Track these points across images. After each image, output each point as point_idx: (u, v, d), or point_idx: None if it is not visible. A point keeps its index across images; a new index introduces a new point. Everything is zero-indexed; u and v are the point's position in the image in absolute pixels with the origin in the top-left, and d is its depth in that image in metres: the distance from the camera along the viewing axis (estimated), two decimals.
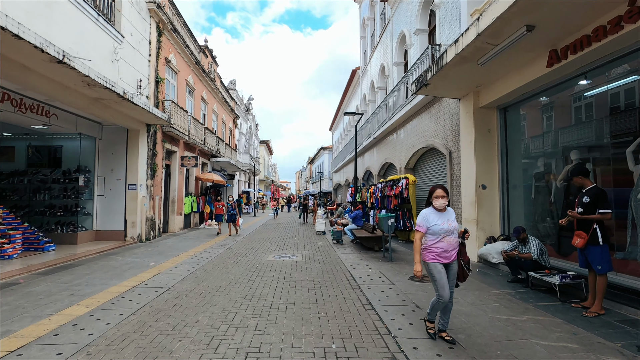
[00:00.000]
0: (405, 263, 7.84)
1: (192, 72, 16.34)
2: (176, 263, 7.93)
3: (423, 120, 11.15)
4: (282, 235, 13.73)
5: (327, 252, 9.46)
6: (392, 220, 8.18)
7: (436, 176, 10.71)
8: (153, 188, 11.97)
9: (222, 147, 20.62)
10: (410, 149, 12.39)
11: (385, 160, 15.89)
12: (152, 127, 11.76)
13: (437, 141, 9.90)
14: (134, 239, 10.83)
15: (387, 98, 14.73)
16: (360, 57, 23.05)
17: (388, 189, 12.67)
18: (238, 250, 9.74)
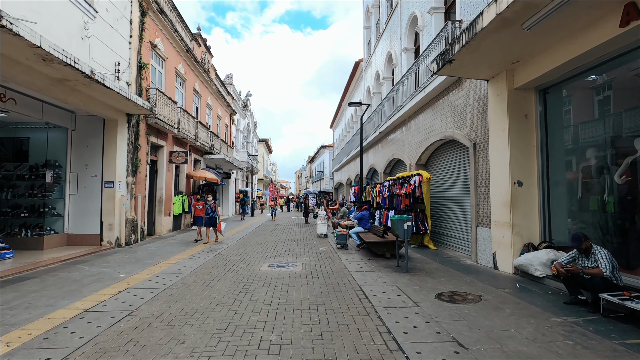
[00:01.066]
0: (424, 274, 6.56)
1: (182, 60, 15.06)
2: (152, 274, 6.65)
3: (439, 109, 9.87)
4: (280, 238, 12.45)
5: (330, 260, 8.18)
6: (408, 223, 6.90)
7: (455, 172, 9.43)
8: (135, 186, 10.69)
9: (217, 143, 19.33)
10: (423, 142, 11.11)
11: (392, 156, 14.62)
12: (133, 118, 10.47)
13: (458, 132, 8.62)
14: (111, 243, 9.54)
15: (395, 88, 13.46)
16: (364, 48, 21.78)
17: (397, 187, 11.39)
18: (228, 257, 8.46)
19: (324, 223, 12.93)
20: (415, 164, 11.81)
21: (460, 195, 9.09)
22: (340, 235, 9.88)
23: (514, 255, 6.40)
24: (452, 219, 9.57)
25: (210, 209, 10.66)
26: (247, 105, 33.41)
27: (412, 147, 12.19)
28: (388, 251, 8.36)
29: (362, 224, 10.18)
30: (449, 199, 9.89)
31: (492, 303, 4.78)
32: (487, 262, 7.27)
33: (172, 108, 12.79)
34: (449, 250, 9.47)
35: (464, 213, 8.80)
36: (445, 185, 10.17)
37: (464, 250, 8.75)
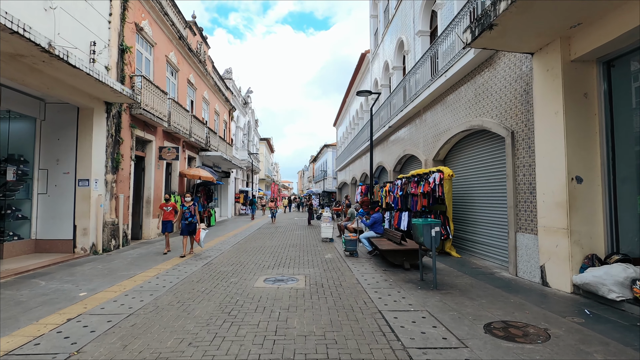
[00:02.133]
0: (458, 293, 5.26)
1: (174, 48, 13.82)
2: (121, 291, 5.39)
3: (463, 95, 8.56)
4: (280, 243, 11.17)
5: (339, 271, 6.89)
6: (437, 228, 5.60)
7: (483, 168, 8.11)
8: (116, 184, 9.44)
9: (214, 140, 18.10)
10: (442, 135, 9.79)
11: (404, 152, 13.31)
12: (113, 107, 9.23)
13: (489, 120, 7.31)
14: (86, 250, 8.30)
15: (408, 77, 12.15)
16: (370, 39, 20.48)
17: (412, 186, 10.09)
18: (219, 268, 7.19)
19: (329, 226, 11.64)
20: (433, 160, 10.50)
21: (491, 195, 7.77)
22: (349, 241, 8.58)
23: (572, 270, 5.08)
24: (480, 223, 8.25)
25: (188, 212, 8.57)
26: (247, 102, 32.20)
27: (429, 141, 10.87)
28: (407, 261, 7.06)
29: (374, 229, 8.87)
30: (474, 198, 8.57)
31: (568, 342, 3.47)
32: (531, 277, 5.95)
33: (162, 99, 11.55)
34: (475, 258, 8.15)
35: (497, 215, 7.48)
36: (469, 183, 8.85)
37: (497, 260, 7.43)
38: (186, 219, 8.54)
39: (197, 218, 8.66)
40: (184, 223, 8.53)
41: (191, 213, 8.61)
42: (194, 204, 8.75)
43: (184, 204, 8.68)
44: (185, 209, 8.62)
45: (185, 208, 8.63)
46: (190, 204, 8.69)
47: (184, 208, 8.62)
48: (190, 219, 8.57)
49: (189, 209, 8.63)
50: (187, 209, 8.62)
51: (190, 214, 8.60)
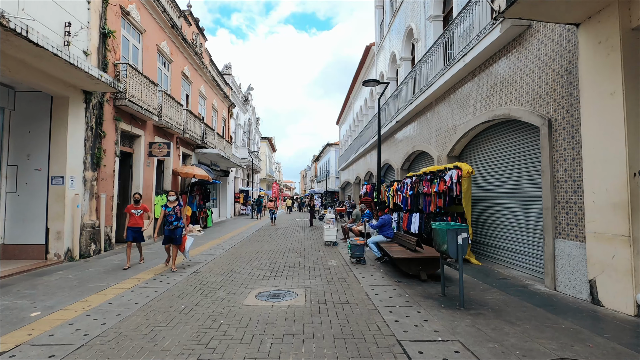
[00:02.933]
0: (492, 314, 4.29)
1: (167, 37, 12.91)
2: (84, 310, 4.48)
3: (485, 81, 7.58)
4: (279, 247, 10.22)
5: (345, 283, 5.93)
6: (464, 234, 4.64)
7: (511, 163, 7.10)
8: (97, 183, 8.53)
9: (211, 136, 17.20)
10: (458, 127, 8.82)
11: (413, 148, 12.33)
12: (93, 97, 8.32)
13: (518, 108, 6.32)
14: (60, 256, 7.39)
15: (419, 65, 11.17)
16: (375, 31, 19.49)
17: (424, 184, 9.12)
18: (206, 278, 6.25)
19: (333, 228, 10.68)
20: (447, 156, 9.52)
21: (518, 194, 6.79)
22: (355, 247, 7.62)
23: (636, 288, 4.10)
24: (503, 226, 7.27)
25: (173, 215, 6.87)
26: (248, 100, 31.28)
27: (442, 135, 9.89)
28: (424, 271, 6.09)
29: (383, 232, 7.91)
30: (496, 198, 7.59)
31: None
32: (575, 292, 4.97)
33: (152, 90, 10.63)
34: (499, 267, 7.17)
35: (526, 218, 6.50)
36: (490, 181, 7.87)
37: (526, 269, 6.45)
38: (169, 224, 6.87)
39: (183, 222, 7.13)
40: (166, 229, 6.88)
41: (176, 216, 6.92)
42: (179, 205, 7.12)
43: (167, 205, 7.03)
44: (169, 210, 6.93)
45: (169, 210, 6.94)
46: (174, 205, 7.03)
47: (167, 210, 6.96)
48: (175, 223, 6.88)
49: (174, 211, 6.94)
50: (171, 210, 6.94)
51: (175, 217, 6.91)
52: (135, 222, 7.16)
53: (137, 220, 7.17)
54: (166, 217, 6.95)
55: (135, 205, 7.27)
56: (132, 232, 7.14)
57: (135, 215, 7.16)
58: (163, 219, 6.97)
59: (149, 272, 6.64)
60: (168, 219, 6.92)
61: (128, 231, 7.12)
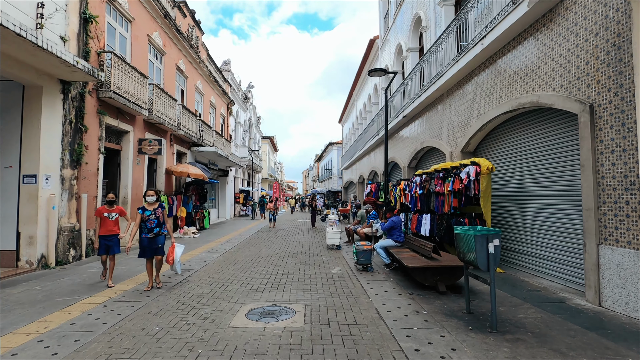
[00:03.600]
0: (533, 339, 3.49)
1: (159, 27, 12.16)
2: (38, 333, 3.72)
3: (507, 66, 6.76)
4: (278, 251, 9.44)
5: (352, 297, 5.13)
6: (496, 242, 3.83)
7: (539, 158, 6.25)
8: (78, 182, 7.78)
9: (208, 134, 16.44)
10: (474, 120, 8.00)
11: (422, 145, 11.51)
12: (73, 88, 7.57)
13: (549, 93, 5.50)
14: (32, 263, 6.63)
15: (428, 55, 10.35)
16: (380, 24, 18.68)
17: (436, 183, 8.30)
18: (193, 290, 5.47)
19: (336, 231, 9.87)
20: (461, 152, 8.71)
21: (548, 193, 5.96)
22: (361, 252, 6.81)
23: None
24: (530, 229, 6.44)
25: (154, 219, 5.43)
26: (248, 98, 30.53)
27: (455, 129, 9.08)
28: (442, 281, 5.27)
29: (393, 236, 7.11)
30: (520, 198, 6.77)
31: None
32: (629, 310, 4.14)
33: (141, 83, 9.87)
34: (525, 275, 6.34)
35: (559, 220, 5.67)
36: (512, 179, 7.04)
37: (558, 279, 5.62)
38: (150, 231, 5.38)
39: (167, 228, 5.65)
40: (145, 238, 5.38)
41: (158, 221, 5.47)
42: (161, 207, 5.61)
43: (145, 207, 5.51)
44: (148, 214, 5.43)
45: (148, 213, 5.43)
46: (155, 207, 5.53)
47: (146, 213, 5.43)
48: (156, 230, 5.42)
49: (154, 215, 5.45)
50: (151, 214, 5.44)
51: (157, 222, 5.46)
52: (109, 229, 5.75)
53: (112, 227, 5.79)
54: (144, 222, 5.43)
55: (109, 208, 5.87)
56: (105, 241, 5.70)
57: (109, 220, 5.79)
58: (140, 226, 5.47)
59: (129, 282, 5.87)
60: (147, 224, 5.42)
61: (100, 241, 5.71)
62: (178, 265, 5.61)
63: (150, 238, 5.41)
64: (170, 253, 5.51)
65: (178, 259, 5.56)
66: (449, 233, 7.73)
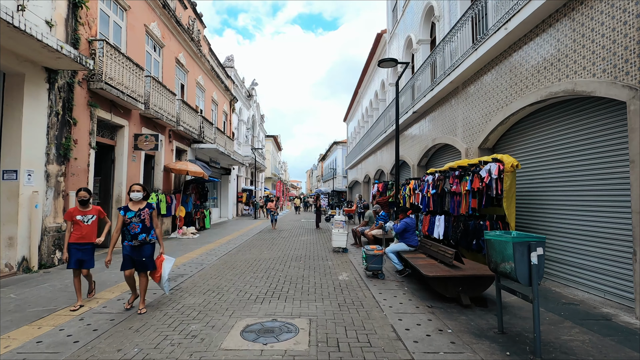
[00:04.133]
0: None
1: (157, 18, 11.61)
2: None
3: (535, 52, 6.10)
4: (280, 254, 8.83)
5: (362, 309, 4.51)
6: (540, 250, 3.19)
7: (572, 154, 5.59)
8: (65, 179, 7.23)
9: (209, 131, 15.88)
10: (495, 113, 7.35)
11: (434, 142, 10.85)
12: (60, 77, 7.02)
13: (590, 79, 4.84)
14: (12, 267, 6.08)
15: (442, 44, 9.69)
16: (387, 18, 18.01)
17: (452, 181, 7.65)
18: (184, 300, 4.88)
19: (343, 232, 9.25)
20: (478, 148, 8.06)
21: (586, 193, 5.30)
22: (371, 257, 6.18)
23: None
24: (561, 233, 5.78)
25: (137, 223, 4.30)
26: (251, 95, 29.99)
27: (472, 124, 8.42)
28: (465, 293, 4.63)
29: (406, 239, 6.48)
30: (548, 198, 6.10)
31: None
32: None
33: (137, 75, 9.32)
34: (555, 284, 5.68)
35: (600, 224, 5.00)
36: (540, 177, 6.37)
37: (599, 290, 4.96)
38: (133, 238, 4.27)
39: (157, 233, 4.45)
40: (127, 246, 4.28)
41: (144, 225, 4.32)
42: (148, 207, 4.44)
43: (127, 208, 4.37)
44: (131, 216, 4.29)
45: (131, 215, 4.29)
46: (141, 207, 4.38)
47: (128, 215, 4.29)
48: (141, 236, 4.29)
49: (139, 217, 4.31)
50: (134, 216, 4.30)
51: (143, 227, 4.31)
52: (82, 236, 4.46)
53: (87, 233, 4.49)
54: (126, 227, 4.29)
55: (83, 209, 4.54)
56: (76, 252, 4.43)
57: (84, 225, 4.47)
58: (121, 231, 4.33)
59: (115, 290, 5.29)
60: (130, 230, 4.28)
61: (70, 250, 4.43)
62: (166, 284, 4.49)
63: (133, 247, 4.30)
64: (157, 268, 4.44)
65: (166, 275, 4.43)
66: (466, 237, 7.08)
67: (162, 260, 4.48)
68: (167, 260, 4.50)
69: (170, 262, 4.52)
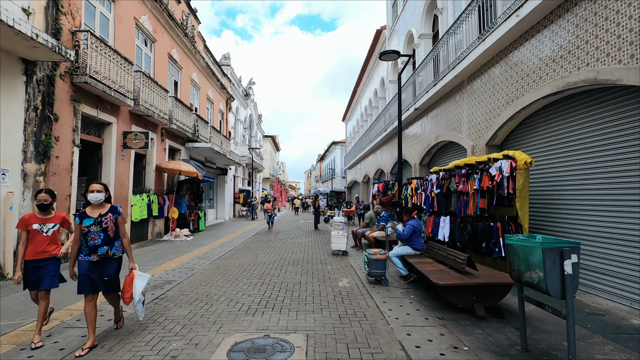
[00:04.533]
0: None
1: (148, 11, 11.13)
2: None
3: (550, 38, 5.66)
4: (276, 257, 8.37)
5: (366, 322, 4.05)
6: (574, 258, 2.74)
7: (594, 150, 5.14)
8: (45, 178, 6.75)
9: (204, 129, 15.40)
10: (504, 107, 6.91)
11: (437, 139, 10.41)
12: (38, 68, 6.53)
13: (615, 66, 4.39)
14: None
15: (446, 37, 9.25)
16: (387, 13, 17.58)
17: (458, 180, 7.21)
18: (168, 311, 4.41)
19: (343, 235, 8.79)
20: (486, 145, 7.62)
21: (611, 192, 4.85)
22: (374, 262, 5.72)
23: None
24: (580, 236, 5.33)
25: (98, 233, 3.36)
26: (249, 94, 29.52)
27: (478, 120, 7.98)
28: (479, 303, 4.17)
29: (411, 243, 6.02)
30: (564, 199, 5.66)
31: None
32: None
33: (125, 69, 8.85)
34: None
35: (629, 226, 4.55)
36: (554, 176, 5.93)
37: (624, 298, 4.51)
38: (92, 251, 3.36)
39: (124, 244, 3.60)
40: (84, 262, 3.37)
41: (106, 234, 3.42)
42: (112, 212, 3.51)
43: (84, 213, 3.42)
44: (88, 224, 3.36)
45: (88, 223, 3.36)
46: (103, 211, 3.47)
47: (85, 223, 3.36)
48: (102, 249, 3.39)
49: (99, 225, 3.39)
50: (94, 223, 3.38)
51: (105, 237, 3.41)
52: (41, 249, 3.52)
53: (45, 246, 3.54)
54: (84, 237, 3.35)
55: (42, 215, 3.60)
56: (33, 269, 3.50)
57: (41, 236, 3.53)
58: (79, 242, 3.37)
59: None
60: (88, 241, 3.33)
61: (25, 268, 3.51)
62: (139, 307, 3.56)
63: (93, 262, 3.35)
64: (127, 287, 3.51)
65: (138, 296, 3.51)
66: (475, 239, 6.63)
67: (132, 277, 3.55)
68: (140, 277, 3.59)
69: (143, 279, 3.62)
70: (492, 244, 6.01)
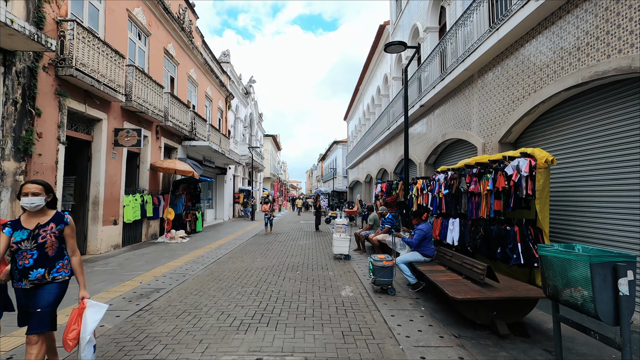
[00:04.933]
0: None
1: (142, 3, 10.65)
2: None
3: (575, 24, 5.16)
4: (275, 262, 7.89)
5: (372, 340, 3.56)
6: (630, 275, 2.25)
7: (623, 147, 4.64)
8: (27, 177, 6.29)
9: (202, 127, 14.93)
10: (520, 102, 6.41)
11: (444, 137, 9.91)
12: (17, 59, 6.07)
13: None
14: None
15: (454, 29, 8.75)
16: (391, 8, 17.07)
17: (468, 180, 6.71)
18: (150, 326, 3.93)
19: (345, 238, 8.30)
20: (498, 143, 7.12)
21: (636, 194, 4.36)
22: (380, 269, 5.22)
23: None
24: (610, 242, 4.83)
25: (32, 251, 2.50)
26: (249, 92, 29.04)
27: (490, 116, 7.48)
28: (502, 319, 3.68)
29: (421, 248, 5.53)
30: (590, 201, 5.16)
31: None
32: None
33: (116, 63, 8.38)
34: None
35: None
36: (577, 176, 5.43)
37: None
38: (22, 274, 2.50)
39: (73, 265, 2.68)
40: (17, 290, 2.55)
41: (42, 252, 2.53)
42: (56, 222, 2.63)
43: (20, 224, 2.55)
44: (20, 238, 2.49)
45: (20, 237, 2.49)
46: (43, 221, 2.59)
47: (16, 237, 2.49)
48: (37, 272, 2.51)
49: (33, 240, 2.51)
50: (28, 237, 2.50)
51: (40, 256, 2.52)
52: None
53: None
54: (14, 255, 2.53)
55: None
56: None
57: None
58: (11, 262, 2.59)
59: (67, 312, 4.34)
60: (17, 260, 2.51)
61: None
62: (88, 352, 2.54)
63: (26, 290, 2.53)
64: (72, 324, 2.53)
65: (89, 334, 2.53)
66: (488, 244, 6.13)
67: (82, 309, 2.59)
68: (93, 310, 2.62)
69: (97, 313, 2.63)
70: (509, 249, 5.50)
